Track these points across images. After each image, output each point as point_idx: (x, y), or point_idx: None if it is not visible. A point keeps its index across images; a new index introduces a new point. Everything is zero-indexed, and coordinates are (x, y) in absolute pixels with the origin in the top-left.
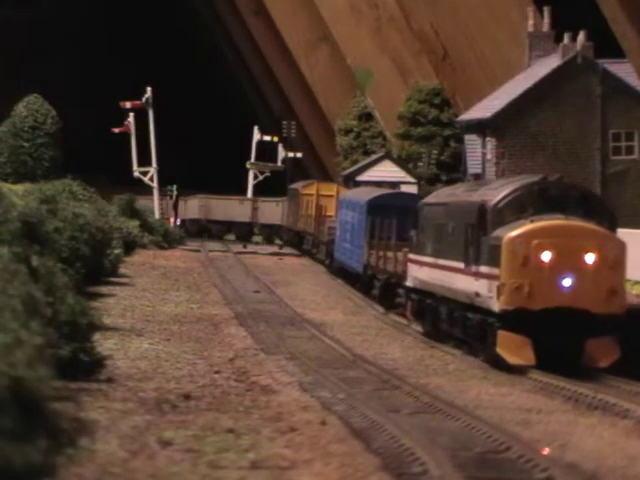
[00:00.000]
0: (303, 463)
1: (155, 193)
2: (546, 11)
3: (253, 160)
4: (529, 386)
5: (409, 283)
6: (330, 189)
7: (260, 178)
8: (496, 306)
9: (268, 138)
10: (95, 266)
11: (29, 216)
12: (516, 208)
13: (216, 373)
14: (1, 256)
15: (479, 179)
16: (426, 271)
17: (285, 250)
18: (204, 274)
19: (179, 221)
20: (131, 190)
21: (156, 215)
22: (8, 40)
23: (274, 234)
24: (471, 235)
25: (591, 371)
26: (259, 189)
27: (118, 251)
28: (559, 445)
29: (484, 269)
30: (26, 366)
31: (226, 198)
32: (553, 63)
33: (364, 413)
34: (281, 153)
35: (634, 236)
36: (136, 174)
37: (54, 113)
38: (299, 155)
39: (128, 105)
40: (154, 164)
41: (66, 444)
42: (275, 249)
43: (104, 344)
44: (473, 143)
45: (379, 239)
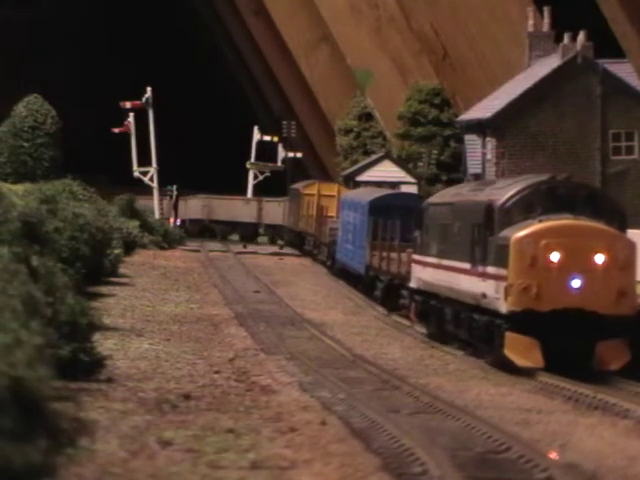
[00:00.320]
0: (303, 463)
1: (155, 193)
2: (546, 11)
3: (253, 160)
4: (529, 386)
5: (413, 284)
6: (331, 189)
7: (260, 178)
8: (503, 307)
9: (268, 138)
10: (95, 266)
11: (29, 216)
12: (524, 208)
13: (216, 373)
14: (1, 256)
15: (479, 179)
16: (430, 272)
17: (285, 250)
18: (204, 274)
19: (179, 221)
20: (131, 190)
21: (156, 215)
22: (8, 40)
23: (277, 234)
24: (478, 235)
25: (602, 374)
26: (259, 189)
27: (118, 251)
28: (559, 445)
29: (491, 270)
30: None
31: (231, 198)
32: (553, 63)
33: (364, 413)
34: (281, 153)
35: (636, 236)
36: (136, 174)
37: (54, 113)
38: (299, 155)
39: (128, 105)
40: (154, 164)
41: (66, 444)
42: (275, 249)
43: (104, 344)
44: (473, 143)
45: (382, 240)
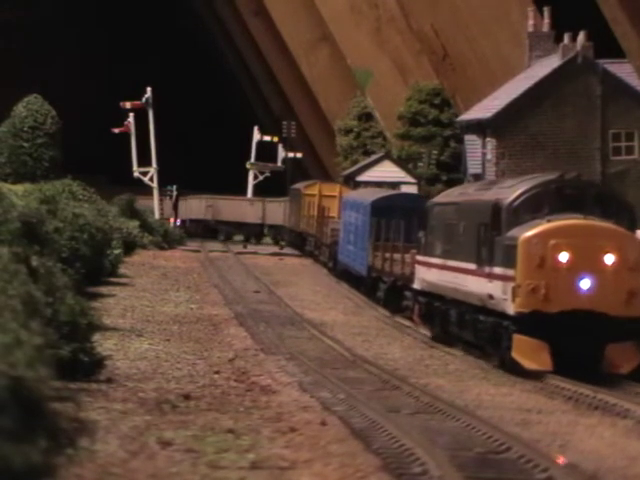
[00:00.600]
0: (303, 463)
1: (155, 193)
2: (546, 11)
3: (253, 160)
4: (529, 386)
5: (416, 285)
6: (333, 189)
7: (260, 178)
8: (511, 309)
9: (268, 138)
10: (95, 266)
11: (29, 216)
12: (532, 207)
13: (216, 373)
14: (1, 256)
15: (479, 179)
16: (435, 273)
17: (285, 250)
18: (204, 274)
19: (179, 221)
20: (131, 190)
21: (156, 215)
22: (8, 40)
23: (278, 235)
24: (484, 235)
25: (605, 375)
26: (259, 189)
27: (118, 251)
28: (559, 445)
29: (498, 270)
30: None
31: (237, 199)
32: (553, 63)
33: (364, 413)
34: (281, 153)
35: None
36: (136, 174)
37: (54, 113)
38: (299, 155)
39: (128, 105)
40: (154, 164)
41: (66, 444)
42: (275, 249)
43: (104, 344)
44: (473, 143)
45: (385, 241)
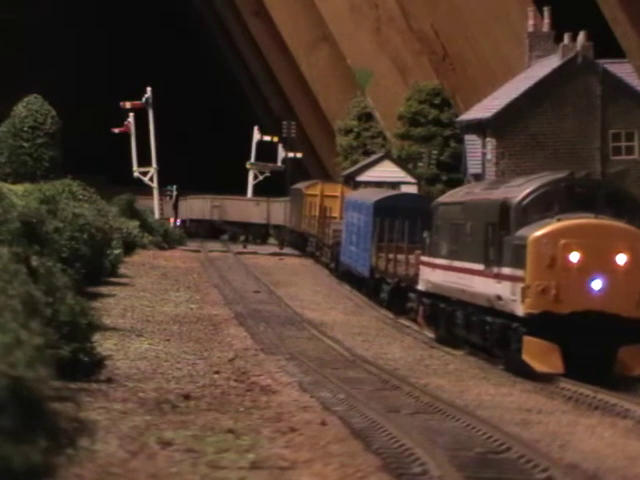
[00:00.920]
0: (303, 463)
1: (155, 193)
2: (546, 11)
3: (253, 160)
4: (529, 386)
5: (421, 287)
6: (334, 189)
7: (260, 178)
8: (520, 310)
9: (268, 138)
10: (95, 266)
11: (29, 216)
12: (541, 206)
13: (216, 373)
14: (1, 256)
15: (479, 179)
16: (440, 274)
17: (285, 250)
18: (204, 274)
19: (179, 221)
20: (131, 190)
21: (156, 215)
22: (8, 40)
23: (280, 235)
24: (492, 235)
25: (624, 379)
26: (259, 189)
27: (118, 251)
28: (559, 445)
29: (507, 271)
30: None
31: (243, 199)
32: (553, 63)
33: (364, 413)
34: (281, 153)
35: None
36: (136, 174)
37: (54, 113)
38: (299, 155)
39: (128, 105)
40: (154, 164)
41: (66, 444)
42: (275, 249)
43: (104, 344)
44: (473, 143)
45: (388, 241)
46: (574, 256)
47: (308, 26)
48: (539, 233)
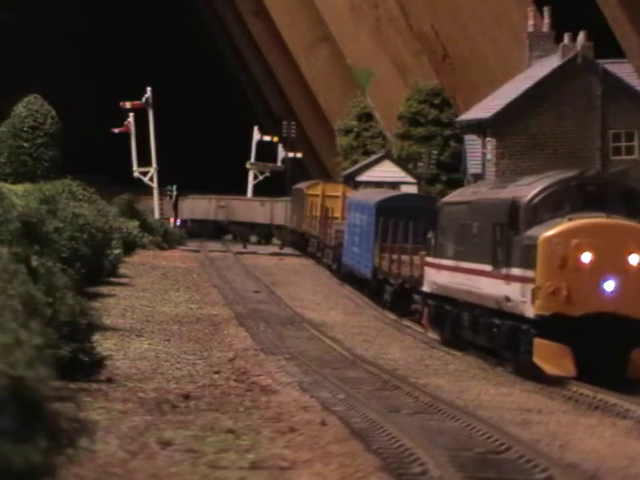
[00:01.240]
0: (303, 463)
1: (155, 193)
2: (546, 11)
3: (253, 160)
4: (529, 386)
5: (426, 288)
6: (336, 190)
7: (260, 178)
8: (530, 311)
9: (268, 138)
10: (95, 266)
11: (29, 216)
12: (552, 205)
13: (216, 373)
14: (1, 256)
15: (479, 179)
16: (446, 275)
17: (285, 250)
18: (204, 274)
19: (179, 221)
20: (131, 190)
21: (156, 215)
22: (8, 40)
23: (281, 235)
24: (501, 235)
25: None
26: (259, 189)
27: (118, 251)
28: (559, 445)
29: (516, 271)
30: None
31: (248, 199)
32: (553, 63)
33: (364, 413)
34: (281, 153)
35: None
36: (136, 174)
37: (54, 113)
38: (299, 155)
39: (128, 105)
40: (154, 164)
41: (66, 444)
42: (275, 249)
43: (104, 344)
44: (473, 143)
45: (392, 242)
46: (586, 256)
47: (308, 26)
48: (550, 233)
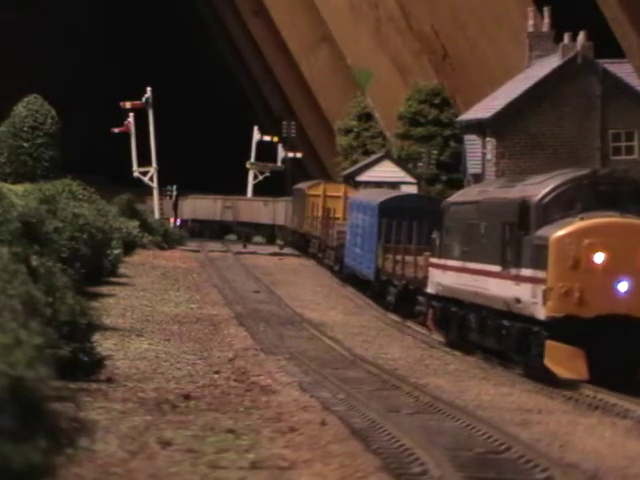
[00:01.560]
0: (303, 463)
1: (155, 193)
2: (546, 11)
3: (253, 160)
4: (529, 386)
5: (430, 290)
6: (337, 190)
7: (260, 178)
8: (542, 313)
9: (268, 138)
10: (95, 266)
11: (29, 216)
12: (563, 204)
13: (216, 373)
14: (1, 256)
15: (479, 179)
16: (452, 276)
17: (285, 250)
18: (204, 274)
19: (179, 221)
20: (131, 191)
21: (156, 215)
22: (8, 40)
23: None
24: (510, 235)
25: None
26: (259, 189)
27: (118, 251)
28: (559, 445)
29: (527, 272)
30: (26, 366)
31: (253, 199)
32: (553, 63)
33: (364, 413)
34: (281, 153)
35: None
36: (136, 174)
37: (54, 113)
38: (299, 155)
39: (128, 105)
40: (154, 164)
41: (66, 444)
42: (275, 249)
43: (104, 344)
44: (473, 143)
45: (396, 243)
46: (599, 257)
47: (308, 26)
48: (562, 233)
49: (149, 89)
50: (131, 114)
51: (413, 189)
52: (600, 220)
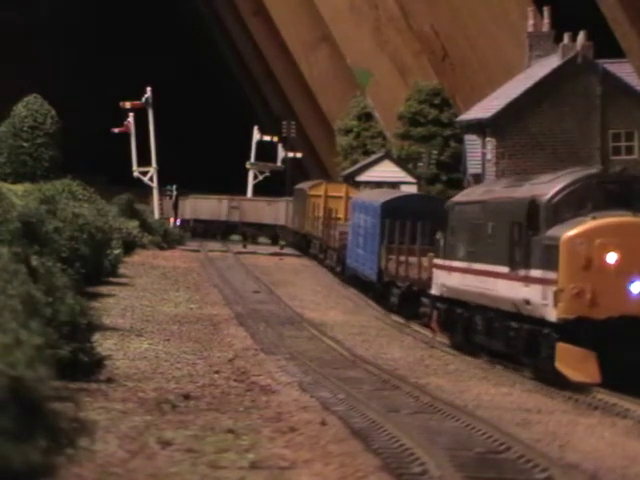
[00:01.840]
0: (303, 463)
1: (155, 193)
2: (546, 11)
3: (253, 160)
4: (529, 386)
5: (435, 291)
6: (339, 190)
7: (260, 178)
8: (553, 315)
9: (268, 138)
10: (95, 266)
11: (29, 216)
12: (574, 203)
13: (216, 373)
14: (1, 256)
15: (479, 179)
16: (457, 277)
17: (285, 250)
18: (204, 274)
19: (179, 221)
20: (131, 191)
21: (156, 215)
22: (8, 40)
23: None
24: (518, 235)
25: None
26: (259, 189)
27: (118, 251)
28: (559, 445)
29: (536, 273)
30: (26, 366)
31: (258, 199)
32: (553, 63)
33: (364, 413)
34: (281, 153)
35: None
36: (136, 174)
37: (54, 113)
38: (299, 155)
39: (128, 105)
40: (154, 164)
41: (66, 444)
42: (275, 249)
43: (104, 344)
44: (473, 143)
45: (399, 243)
46: (611, 257)
47: (308, 26)
48: (573, 232)
49: (149, 89)
50: (131, 114)
51: (413, 189)
52: (612, 219)
